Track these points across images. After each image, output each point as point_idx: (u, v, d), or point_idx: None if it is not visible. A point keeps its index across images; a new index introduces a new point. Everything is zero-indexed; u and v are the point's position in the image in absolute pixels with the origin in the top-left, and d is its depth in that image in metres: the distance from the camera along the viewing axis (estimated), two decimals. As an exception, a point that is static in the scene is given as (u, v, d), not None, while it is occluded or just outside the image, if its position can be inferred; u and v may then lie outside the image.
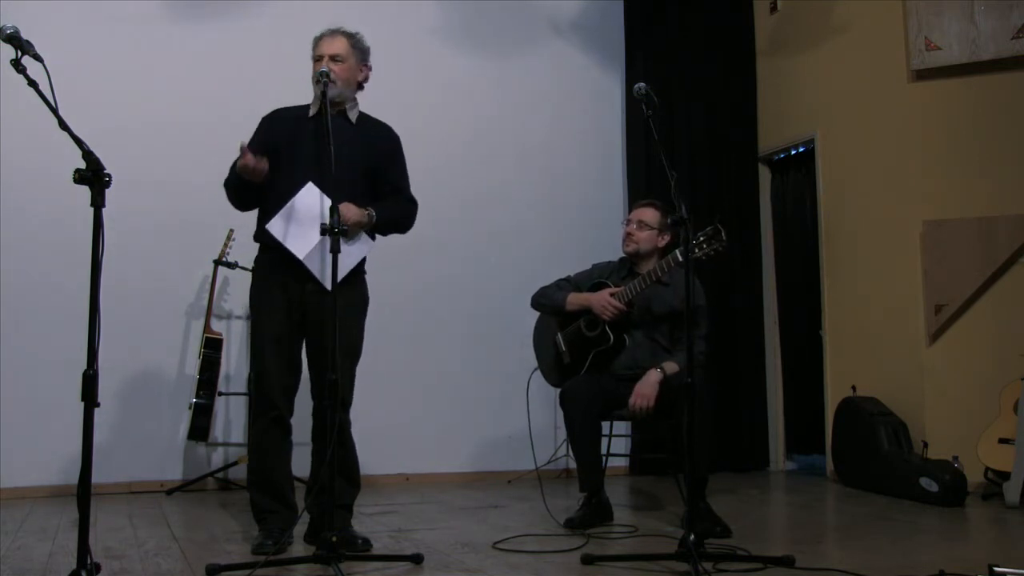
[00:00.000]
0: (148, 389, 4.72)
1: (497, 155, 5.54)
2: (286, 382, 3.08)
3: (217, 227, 4.58)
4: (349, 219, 2.95)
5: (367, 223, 3.07)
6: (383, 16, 5.22)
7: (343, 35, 3.17)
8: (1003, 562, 2.57)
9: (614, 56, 5.85)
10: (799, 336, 5.75)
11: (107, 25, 4.76)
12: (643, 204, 3.94)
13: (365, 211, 3.05)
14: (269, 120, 3.24)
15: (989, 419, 4.31)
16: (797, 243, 5.84)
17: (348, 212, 2.96)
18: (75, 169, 2.20)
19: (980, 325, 4.63)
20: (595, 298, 3.76)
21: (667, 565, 2.77)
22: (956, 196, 4.71)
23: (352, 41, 3.17)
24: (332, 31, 3.18)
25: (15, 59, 2.20)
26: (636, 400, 3.56)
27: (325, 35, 3.18)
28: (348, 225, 2.93)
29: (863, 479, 4.69)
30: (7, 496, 4.29)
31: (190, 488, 4.60)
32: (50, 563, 2.84)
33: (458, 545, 3.15)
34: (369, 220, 3.07)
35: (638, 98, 3.02)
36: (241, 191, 3.14)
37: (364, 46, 3.21)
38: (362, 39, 3.21)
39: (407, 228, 3.31)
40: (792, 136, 5.66)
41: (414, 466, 5.16)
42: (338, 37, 3.16)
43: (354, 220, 3.00)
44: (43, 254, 4.52)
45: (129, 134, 4.66)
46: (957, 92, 4.75)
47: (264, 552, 2.82)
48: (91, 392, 2.16)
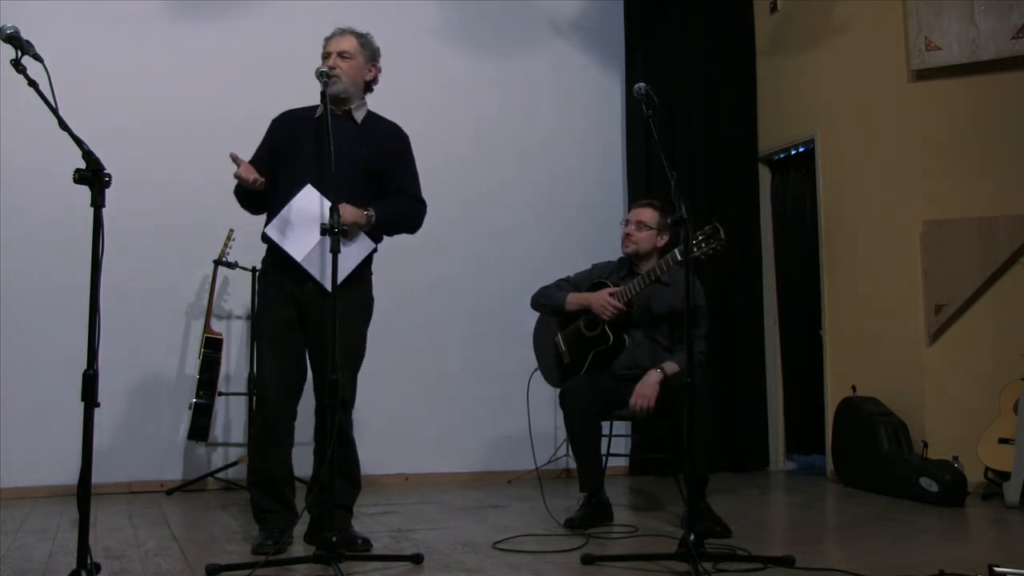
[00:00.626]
0: (148, 389, 4.72)
1: (497, 155, 5.54)
2: (288, 383, 3.08)
3: (217, 227, 4.58)
4: (346, 220, 2.94)
5: (365, 224, 3.06)
6: (383, 16, 5.21)
7: (352, 33, 3.20)
8: (1003, 562, 2.57)
9: (614, 56, 5.85)
10: (799, 336, 5.75)
11: (107, 25, 4.77)
12: (641, 204, 3.94)
13: (363, 212, 3.05)
14: (277, 122, 3.26)
15: (989, 419, 4.31)
16: (797, 243, 5.84)
17: (345, 213, 2.94)
18: (75, 169, 2.20)
19: (980, 325, 4.63)
20: (594, 298, 3.76)
21: (667, 565, 2.77)
22: (956, 196, 4.71)
23: (361, 40, 3.19)
24: (342, 30, 3.21)
25: (15, 59, 2.20)
26: (636, 400, 3.57)
27: (335, 33, 3.20)
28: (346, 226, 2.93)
29: (863, 479, 4.69)
30: (7, 496, 4.29)
31: (190, 488, 4.60)
32: (50, 563, 2.84)
33: (458, 545, 3.15)
34: (368, 221, 3.06)
35: (638, 98, 3.02)
36: (247, 198, 3.18)
37: (374, 46, 3.23)
38: (372, 40, 3.24)
39: (414, 228, 3.28)
40: (792, 136, 5.66)
41: (414, 466, 5.16)
42: (347, 35, 3.18)
43: (351, 220, 2.99)
44: (43, 254, 4.52)
45: (129, 134, 4.67)
46: (957, 92, 4.75)
47: (264, 552, 2.82)
48: (91, 392, 2.16)
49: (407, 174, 3.25)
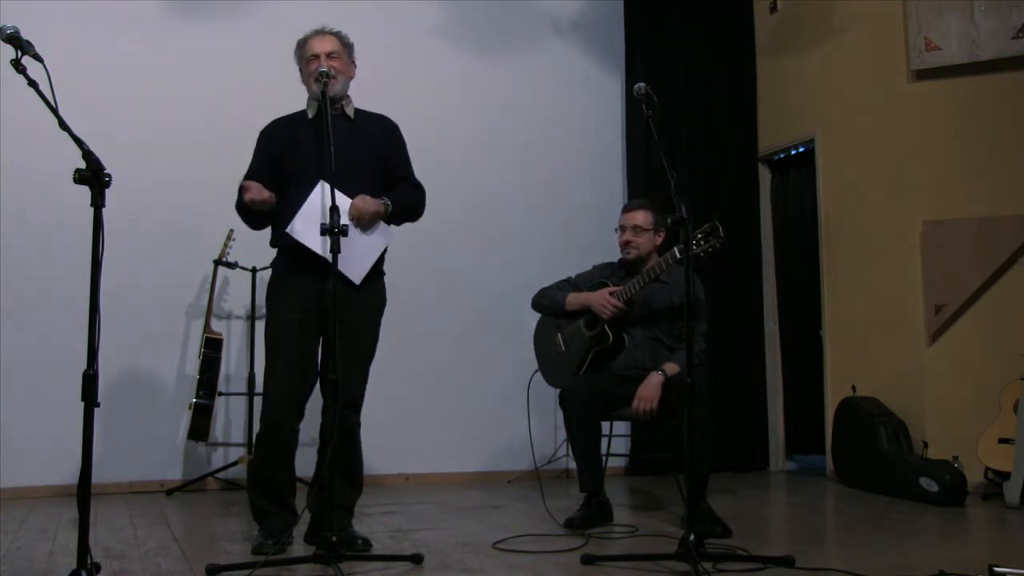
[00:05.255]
0: (148, 389, 4.72)
1: (497, 155, 5.54)
2: (296, 385, 3.05)
3: (217, 227, 4.58)
4: (367, 210, 2.99)
5: (384, 212, 3.07)
6: (383, 16, 5.23)
7: (332, 34, 3.19)
8: (1003, 562, 2.57)
9: (614, 56, 5.85)
10: (799, 336, 5.75)
11: (107, 25, 4.77)
12: (633, 207, 3.89)
13: (381, 201, 3.06)
14: (267, 134, 3.23)
15: (989, 419, 4.31)
16: (797, 243, 5.83)
17: (365, 203, 2.99)
18: (75, 169, 2.20)
19: (980, 325, 4.63)
20: (594, 297, 3.76)
21: (667, 565, 2.77)
22: (956, 196, 4.70)
23: (341, 39, 3.19)
24: (319, 31, 3.19)
25: (15, 59, 2.20)
26: (639, 404, 3.56)
27: (313, 36, 3.17)
28: (367, 216, 2.99)
29: (863, 479, 4.69)
30: (7, 496, 4.28)
31: (190, 488, 4.60)
32: (50, 563, 2.84)
33: (458, 545, 3.15)
34: (386, 209, 3.07)
35: (638, 98, 3.02)
36: (253, 215, 3.14)
37: (350, 43, 3.24)
38: (347, 36, 3.23)
39: (419, 214, 3.29)
40: (792, 136, 5.66)
41: (414, 466, 5.15)
42: (328, 36, 3.17)
43: (372, 210, 3.01)
44: (43, 254, 4.52)
45: (129, 134, 4.66)
46: (957, 92, 4.75)
47: (264, 552, 2.81)
48: (91, 392, 2.16)
49: (406, 163, 3.28)
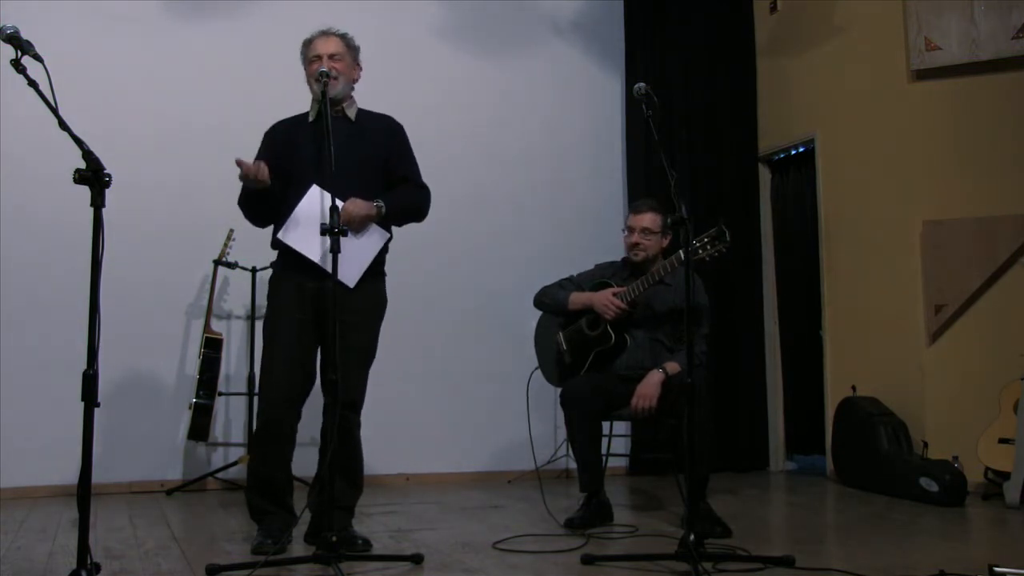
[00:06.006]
0: (148, 389, 4.72)
1: (497, 155, 5.53)
2: (293, 383, 3.05)
3: (217, 227, 4.58)
4: (358, 213, 2.97)
5: (376, 215, 3.06)
6: (383, 16, 5.23)
7: (336, 35, 3.18)
8: (1003, 562, 2.57)
9: (614, 56, 5.85)
10: (799, 336, 5.75)
11: (107, 25, 4.76)
12: (642, 209, 3.85)
13: (373, 204, 3.04)
14: (270, 135, 3.25)
15: (989, 419, 4.31)
16: (797, 243, 5.84)
17: (355, 207, 2.97)
18: (75, 169, 2.20)
19: (980, 325, 4.63)
20: (598, 297, 3.75)
21: (667, 565, 2.77)
22: (956, 196, 4.70)
23: (345, 40, 3.19)
24: (324, 32, 3.19)
25: (15, 59, 2.20)
26: (638, 401, 3.56)
27: (318, 36, 3.17)
28: (357, 219, 2.96)
29: (863, 479, 4.69)
30: (7, 496, 4.28)
31: (190, 488, 4.60)
32: (50, 563, 2.84)
33: (458, 545, 3.15)
34: (378, 212, 3.06)
35: (638, 98, 3.02)
36: (253, 206, 3.14)
37: (356, 45, 3.23)
38: (353, 38, 3.22)
39: (422, 215, 3.28)
40: (792, 136, 5.66)
41: (414, 466, 5.15)
42: (332, 37, 3.17)
43: (363, 213, 3.00)
44: (43, 254, 4.52)
45: (129, 134, 4.67)
46: (957, 92, 4.75)
47: (264, 552, 2.82)
48: (91, 392, 2.16)
49: (408, 163, 3.26)
